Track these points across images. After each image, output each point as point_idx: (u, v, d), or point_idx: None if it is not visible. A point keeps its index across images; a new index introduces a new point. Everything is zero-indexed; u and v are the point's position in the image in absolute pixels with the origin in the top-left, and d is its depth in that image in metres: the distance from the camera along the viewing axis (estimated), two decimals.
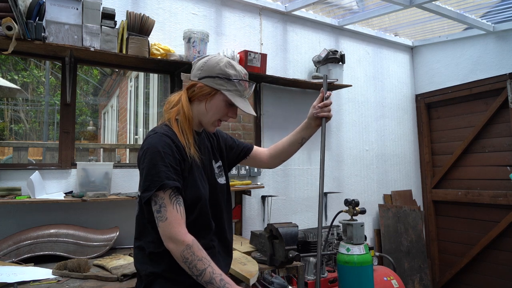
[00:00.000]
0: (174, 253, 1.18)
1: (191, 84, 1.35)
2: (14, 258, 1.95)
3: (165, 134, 1.25)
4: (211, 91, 1.32)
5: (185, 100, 1.33)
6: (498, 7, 3.37)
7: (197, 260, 1.17)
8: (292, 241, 2.07)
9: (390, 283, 2.87)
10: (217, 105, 1.33)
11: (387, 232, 3.79)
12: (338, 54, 3.39)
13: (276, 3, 3.36)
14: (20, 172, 2.26)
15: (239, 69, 1.35)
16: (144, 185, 1.21)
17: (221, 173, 1.47)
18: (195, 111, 1.35)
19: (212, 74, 1.31)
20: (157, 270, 1.26)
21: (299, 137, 1.61)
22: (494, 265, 3.66)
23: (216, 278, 1.17)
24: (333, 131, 3.70)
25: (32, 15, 2.09)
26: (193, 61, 1.41)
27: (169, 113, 1.35)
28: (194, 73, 1.36)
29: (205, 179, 1.36)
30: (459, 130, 4.03)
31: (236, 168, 2.98)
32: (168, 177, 1.19)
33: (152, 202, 1.20)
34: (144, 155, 1.23)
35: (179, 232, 1.18)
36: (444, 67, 4.15)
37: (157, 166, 1.19)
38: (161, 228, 1.20)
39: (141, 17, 2.45)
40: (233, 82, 1.32)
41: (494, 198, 3.64)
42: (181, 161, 1.25)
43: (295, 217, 3.34)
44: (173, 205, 1.19)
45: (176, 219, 1.19)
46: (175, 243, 1.17)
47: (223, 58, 1.35)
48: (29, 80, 7.57)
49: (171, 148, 1.23)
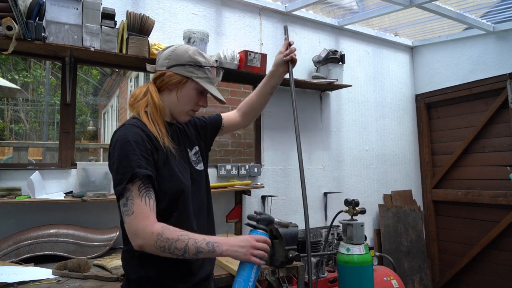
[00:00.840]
0: (146, 248, 1.10)
1: (159, 74, 1.29)
2: (14, 258, 1.95)
3: (134, 125, 1.20)
4: (181, 79, 1.27)
5: (154, 90, 1.28)
6: (498, 7, 3.37)
7: (175, 242, 1.10)
8: (292, 241, 2.07)
9: (390, 283, 2.87)
10: (189, 94, 1.29)
11: (387, 232, 3.79)
12: (338, 54, 3.39)
13: (276, 3, 3.36)
14: (20, 172, 2.26)
15: (207, 57, 1.33)
16: (115, 180, 1.13)
17: (199, 159, 1.42)
18: (166, 102, 1.30)
19: (181, 62, 1.27)
20: (148, 275, 1.20)
21: (268, 87, 1.61)
22: (494, 265, 3.66)
23: (202, 245, 1.13)
24: (333, 131, 3.70)
25: (32, 15, 2.09)
26: (157, 53, 1.36)
27: (137, 106, 1.28)
28: (161, 62, 1.31)
29: (186, 169, 1.31)
30: (459, 130, 4.03)
31: (236, 168, 2.98)
32: (139, 166, 1.11)
33: (120, 195, 1.12)
34: (114, 148, 1.16)
35: (146, 225, 1.10)
36: (444, 67, 4.15)
37: (128, 156, 1.12)
38: (127, 224, 1.11)
39: (141, 17, 2.45)
40: (203, 69, 1.29)
41: (494, 198, 3.64)
42: (154, 151, 1.19)
43: (295, 217, 3.34)
44: (142, 198, 1.11)
45: (143, 212, 1.10)
46: (143, 238, 1.09)
47: (190, 47, 1.32)
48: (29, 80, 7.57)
49: (142, 137, 1.16)
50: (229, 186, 2.77)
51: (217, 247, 1.15)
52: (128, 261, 1.25)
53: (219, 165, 2.94)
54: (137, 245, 1.11)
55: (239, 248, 1.18)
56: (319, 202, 3.52)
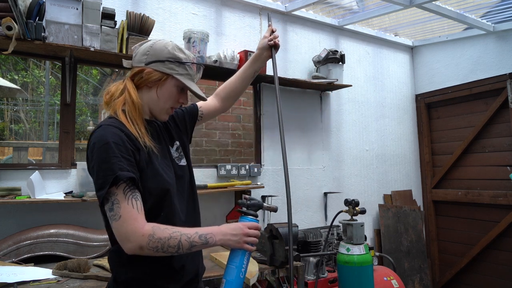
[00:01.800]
0: (139, 252, 1.08)
1: (137, 71, 1.24)
2: (14, 258, 1.95)
3: (111, 125, 1.14)
4: (161, 76, 1.23)
5: (131, 88, 1.22)
6: (498, 7, 3.37)
7: (168, 240, 1.09)
8: (292, 241, 2.06)
9: (390, 283, 2.87)
10: (170, 91, 1.25)
11: (387, 232, 3.79)
12: (338, 54, 3.39)
13: (276, 3, 3.36)
14: (20, 172, 2.26)
15: (187, 52, 1.29)
16: (97, 184, 1.09)
17: (181, 154, 1.38)
18: (145, 99, 1.25)
19: (161, 58, 1.23)
20: (138, 275, 1.17)
21: (251, 71, 1.61)
22: (494, 265, 3.66)
23: (195, 239, 1.13)
24: (333, 131, 3.70)
25: (32, 15, 2.09)
26: (132, 48, 1.31)
27: (113, 104, 1.22)
28: (139, 58, 1.25)
29: (169, 166, 1.27)
30: (459, 130, 4.03)
31: (236, 168, 2.98)
32: (121, 168, 1.07)
33: (104, 200, 1.08)
34: (92, 152, 1.11)
35: (136, 227, 1.06)
36: (444, 67, 4.15)
37: (108, 159, 1.07)
38: (115, 229, 1.07)
39: (141, 17, 2.45)
40: (184, 66, 1.25)
41: (494, 198, 3.64)
42: (135, 151, 1.14)
43: (295, 217, 3.34)
44: (128, 201, 1.07)
45: (132, 215, 1.07)
46: (134, 241, 1.06)
47: (169, 42, 1.28)
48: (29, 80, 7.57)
49: (121, 138, 1.11)
50: (229, 186, 2.77)
51: (210, 238, 1.15)
52: (116, 262, 1.22)
53: (219, 165, 2.94)
54: (129, 249, 1.07)
55: (232, 236, 1.19)
56: (319, 202, 3.52)
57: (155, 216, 1.18)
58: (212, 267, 1.99)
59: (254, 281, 1.84)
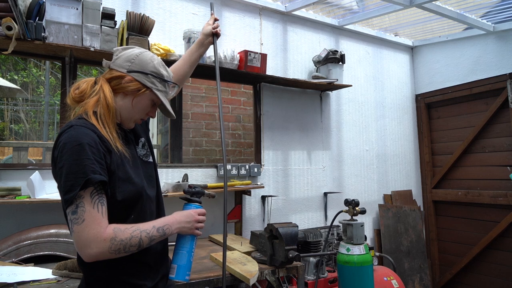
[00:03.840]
0: (101, 257, 1.06)
1: (115, 76, 1.23)
2: (14, 258, 1.95)
3: (83, 126, 1.12)
4: (141, 87, 1.24)
5: (108, 91, 1.21)
6: (498, 7, 3.37)
7: (129, 240, 1.09)
8: (292, 241, 2.06)
9: (390, 283, 2.87)
10: (144, 103, 1.26)
11: (387, 232, 3.79)
12: (338, 54, 3.39)
13: (276, 3, 3.36)
14: (20, 172, 2.26)
15: (169, 71, 1.34)
16: (65, 186, 1.05)
17: (148, 151, 1.39)
18: (118, 105, 1.24)
19: (145, 70, 1.24)
20: (111, 274, 1.16)
21: (197, 56, 1.70)
22: (494, 265, 3.66)
23: (153, 233, 1.16)
24: (333, 131, 3.70)
25: (32, 15, 2.09)
26: (114, 49, 1.31)
27: (85, 104, 1.20)
28: (120, 63, 1.24)
29: (138, 167, 1.27)
30: (459, 130, 4.03)
31: (236, 168, 2.98)
32: (93, 171, 1.05)
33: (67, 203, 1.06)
34: (61, 152, 1.07)
35: (99, 232, 1.04)
36: (444, 67, 4.15)
37: (80, 161, 1.05)
38: (76, 233, 1.04)
39: (141, 17, 2.45)
40: (164, 83, 1.28)
41: (494, 198, 3.64)
42: (106, 153, 1.13)
43: (295, 217, 3.34)
44: (94, 205, 1.06)
45: (95, 219, 1.05)
46: (97, 247, 1.04)
47: (154, 56, 1.30)
48: (29, 80, 7.57)
49: (94, 140, 1.10)
50: (229, 186, 2.77)
51: (167, 229, 1.20)
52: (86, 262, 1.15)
53: (219, 165, 2.94)
54: (88, 255, 1.05)
55: (186, 223, 1.26)
56: (319, 202, 3.52)
57: (124, 218, 1.18)
58: (212, 267, 1.99)
59: (254, 281, 1.84)
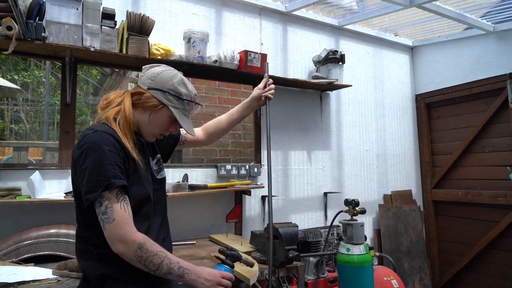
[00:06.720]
0: (125, 255, 1.13)
1: (138, 91, 1.32)
2: (14, 258, 1.95)
3: (106, 132, 1.20)
4: (158, 104, 1.29)
5: (128, 105, 1.29)
6: (498, 7, 3.37)
7: (153, 256, 1.14)
8: (292, 241, 2.06)
9: (390, 283, 2.87)
10: (161, 120, 1.31)
11: (387, 232, 3.79)
12: (338, 54, 3.39)
13: (276, 3, 3.36)
14: (20, 172, 2.26)
15: (190, 89, 1.35)
16: (87, 186, 1.13)
17: (160, 167, 1.46)
18: (137, 118, 1.32)
19: (163, 88, 1.29)
20: (108, 272, 1.20)
21: (240, 116, 1.72)
22: (494, 265, 3.66)
23: (174, 267, 1.17)
24: (333, 131, 3.70)
25: (32, 15, 2.09)
26: (143, 67, 1.38)
27: (107, 111, 1.29)
28: (143, 80, 1.32)
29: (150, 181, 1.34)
30: (459, 130, 4.03)
31: (236, 168, 2.98)
32: (115, 176, 1.14)
33: (96, 203, 1.14)
34: (85, 154, 1.16)
35: (129, 232, 1.13)
36: (444, 67, 4.15)
37: (102, 165, 1.13)
38: (108, 231, 1.13)
39: (141, 17, 2.45)
40: (182, 101, 1.31)
41: (494, 198, 3.64)
42: (126, 159, 1.21)
43: (295, 217, 3.34)
44: (121, 205, 1.14)
45: (124, 218, 1.13)
46: (125, 244, 1.12)
47: (178, 74, 1.34)
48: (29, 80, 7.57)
49: (115, 146, 1.18)
50: (229, 186, 2.77)
51: (187, 274, 1.19)
52: (86, 257, 1.24)
53: (219, 165, 2.94)
54: (119, 250, 1.13)
55: (205, 281, 1.22)
56: (319, 202, 3.52)
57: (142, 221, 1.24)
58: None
59: (254, 281, 1.84)
